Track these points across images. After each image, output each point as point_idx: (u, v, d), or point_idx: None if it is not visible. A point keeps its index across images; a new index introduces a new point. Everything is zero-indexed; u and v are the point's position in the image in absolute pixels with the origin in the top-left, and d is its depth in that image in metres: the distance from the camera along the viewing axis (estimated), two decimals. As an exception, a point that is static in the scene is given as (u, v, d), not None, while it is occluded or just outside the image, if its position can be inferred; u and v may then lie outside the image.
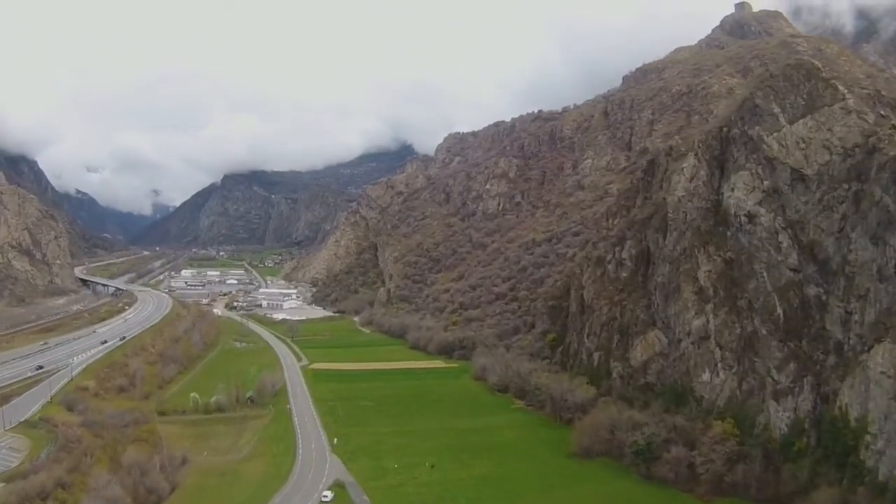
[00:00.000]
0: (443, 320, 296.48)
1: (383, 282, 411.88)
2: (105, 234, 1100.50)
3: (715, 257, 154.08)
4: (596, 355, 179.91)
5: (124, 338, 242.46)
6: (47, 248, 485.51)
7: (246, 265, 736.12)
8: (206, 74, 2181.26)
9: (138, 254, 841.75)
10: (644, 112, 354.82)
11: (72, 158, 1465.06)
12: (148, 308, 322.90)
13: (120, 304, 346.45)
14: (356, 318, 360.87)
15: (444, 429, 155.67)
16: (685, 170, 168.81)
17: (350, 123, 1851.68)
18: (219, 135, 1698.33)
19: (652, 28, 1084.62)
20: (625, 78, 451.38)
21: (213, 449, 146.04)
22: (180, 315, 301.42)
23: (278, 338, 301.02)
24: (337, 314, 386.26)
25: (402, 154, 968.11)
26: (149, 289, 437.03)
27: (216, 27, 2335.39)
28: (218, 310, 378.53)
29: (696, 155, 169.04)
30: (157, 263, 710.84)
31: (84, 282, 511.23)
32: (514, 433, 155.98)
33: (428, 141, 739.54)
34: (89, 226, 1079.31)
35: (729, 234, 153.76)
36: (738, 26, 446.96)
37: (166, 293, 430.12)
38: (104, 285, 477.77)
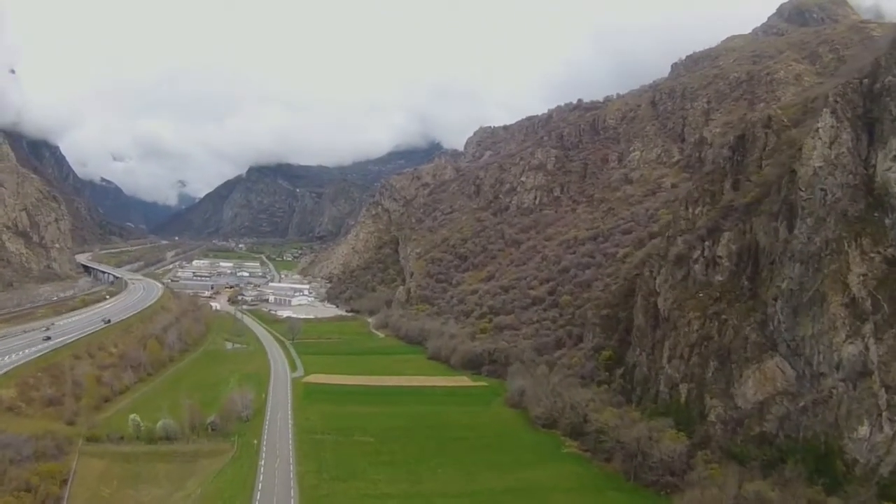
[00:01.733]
0: (469, 326, 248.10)
1: (403, 280, 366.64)
2: (128, 223, 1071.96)
3: (872, 255, 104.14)
4: (683, 388, 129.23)
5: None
6: (46, 231, 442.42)
7: (263, 258, 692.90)
8: (234, 65, 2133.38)
9: (156, 243, 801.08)
10: (698, 101, 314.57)
11: (97, 146, 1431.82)
12: (131, 299, 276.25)
13: (102, 293, 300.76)
14: (370, 320, 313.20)
15: (471, 491, 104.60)
16: (821, 131, 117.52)
17: (379, 119, 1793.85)
18: (245, 126, 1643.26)
19: (688, 20, 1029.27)
20: (674, 66, 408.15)
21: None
22: (165, 308, 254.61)
23: (277, 339, 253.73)
24: (349, 314, 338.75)
25: (430, 152, 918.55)
26: (145, 278, 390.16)
27: (245, 18, 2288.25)
28: (217, 304, 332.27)
29: (833, 113, 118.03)
30: (171, 253, 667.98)
31: (86, 268, 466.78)
32: (573, 500, 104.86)
33: (458, 140, 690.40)
34: (113, 214, 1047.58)
35: (888, 221, 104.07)
36: (797, 13, 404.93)
37: (166, 283, 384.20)
38: (104, 273, 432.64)
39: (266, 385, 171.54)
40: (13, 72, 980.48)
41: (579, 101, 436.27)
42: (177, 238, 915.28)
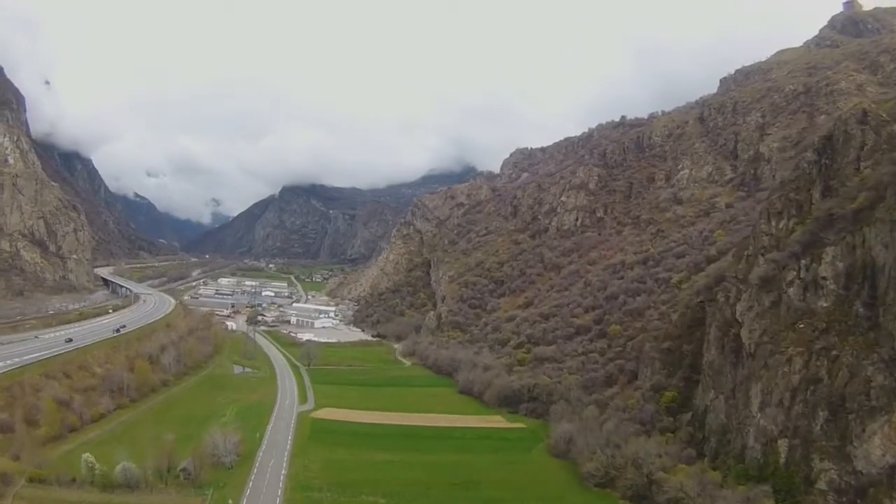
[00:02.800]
0: (505, 357, 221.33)
1: (434, 304, 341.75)
2: (161, 240, 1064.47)
3: None
4: (782, 445, 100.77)
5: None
6: (63, 241, 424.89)
7: (292, 278, 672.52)
8: (269, 84, 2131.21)
9: (185, 260, 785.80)
10: (751, 115, 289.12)
11: (131, 161, 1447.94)
12: (136, 314, 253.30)
13: (107, 307, 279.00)
14: (397, 346, 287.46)
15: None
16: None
17: (414, 141, 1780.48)
18: (280, 146, 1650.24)
19: (730, 37, 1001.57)
20: (722, 81, 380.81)
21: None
22: (171, 325, 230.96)
23: (292, 364, 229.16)
24: (375, 339, 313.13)
25: (464, 176, 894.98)
26: (160, 293, 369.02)
27: (283, 38, 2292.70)
28: (234, 323, 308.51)
29: None
30: (197, 271, 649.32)
31: (106, 281, 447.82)
32: None
33: (493, 164, 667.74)
34: (146, 230, 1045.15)
35: None
36: (851, 24, 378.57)
37: (184, 300, 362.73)
38: (121, 286, 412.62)
39: (266, 420, 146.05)
40: (48, 83, 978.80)
41: (622, 117, 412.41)
42: (207, 256, 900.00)
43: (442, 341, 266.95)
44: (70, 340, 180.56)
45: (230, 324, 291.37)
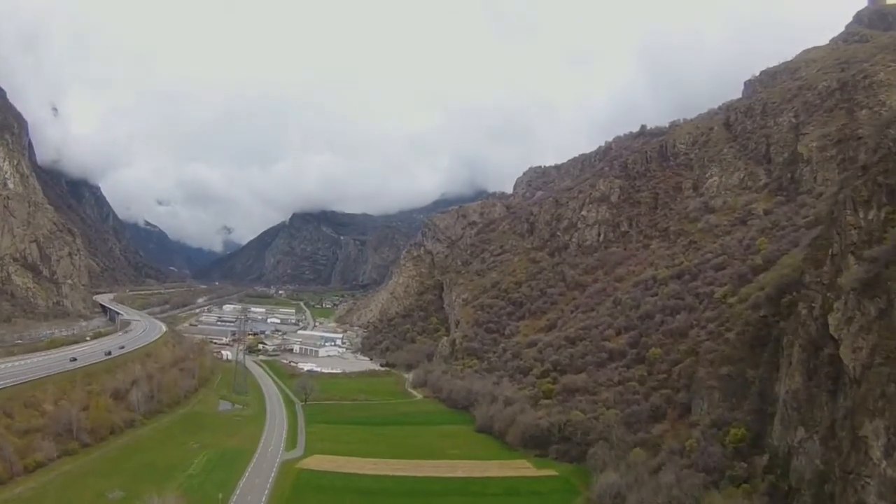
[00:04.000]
0: (527, 387, 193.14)
1: (447, 329, 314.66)
2: (171, 268, 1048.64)
3: None
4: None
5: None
6: (57, 266, 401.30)
7: (301, 305, 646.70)
8: (280, 110, 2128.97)
9: (193, 287, 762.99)
10: (782, 116, 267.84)
11: (142, 189, 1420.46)
12: (115, 342, 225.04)
13: (84, 335, 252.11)
14: (408, 376, 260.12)
15: None
16: None
17: (426, 164, 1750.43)
18: (290, 172, 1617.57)
19: (742, 47, 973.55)
20: (747, 83, 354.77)
21: None
22: (151, 355, 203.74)
23: (287, 399, 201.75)
24: (384, 368, 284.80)
25: (476, 199, 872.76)
26: (152, 319, 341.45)
27: (291, 63, 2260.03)
28: (229, 353, 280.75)
29: None
30: (203, 298, 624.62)
31: (104, 308, 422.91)
32: None
33: (505, 186, 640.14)
34: (157, 258, 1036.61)
35: None
36: (879, 17, 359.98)
37: (181, 328, 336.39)
38: (118, 314, 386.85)
39: (240, 472, 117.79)
40: (55, 110, 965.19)
41: (642, 127, 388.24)
42: (217, 283, 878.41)
43: (456, 370, 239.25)
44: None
45: (226, 353, 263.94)
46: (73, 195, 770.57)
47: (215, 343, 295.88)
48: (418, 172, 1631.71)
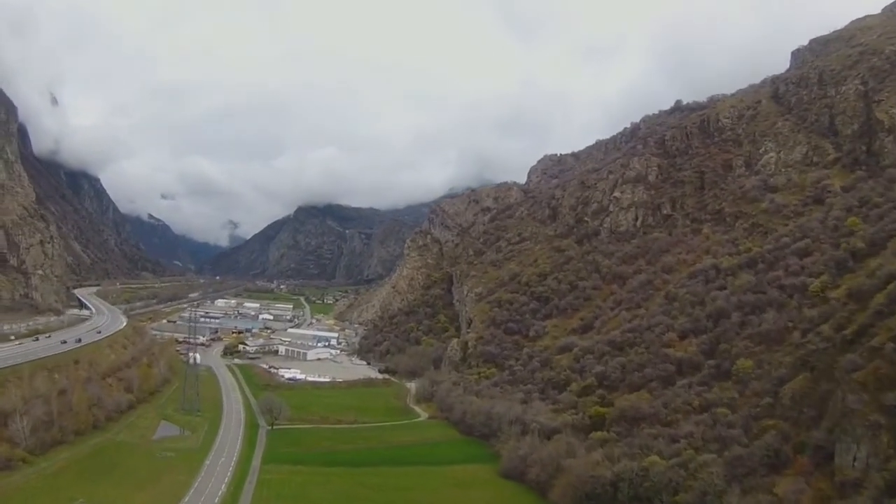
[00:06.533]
0: (567, 408, 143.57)
1: (457, 330, 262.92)
2: (176, 262, 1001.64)
3: None
4: None
5: None
6: (27, 255, 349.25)
7: (302, 300, 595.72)
8: (284, 102, 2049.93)
9: (192, 280, 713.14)
10: (846, 84, 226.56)
11: (145, 183, 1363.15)
12: (40, 345, 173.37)
13: (9, 335, 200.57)
14: (410, 386, 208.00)
15: None
16: None
17: (432, 158, 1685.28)
18: (295, 165, 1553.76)
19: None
20: (795, 53, 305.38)
21: None
22: (80, 362, 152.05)
23: (251, 421, 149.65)
24: (382, 376, 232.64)
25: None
26: (120, 316, 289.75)
27: (294, 56, 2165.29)
28: (198, 355, 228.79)
29: None
30: (195, 293, 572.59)
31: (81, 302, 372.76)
32: None
33: (516, 179, 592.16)
34: (161, 252, 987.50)
35: None
36: None
37: (162, 323, 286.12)
38: (87, 307, 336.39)
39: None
40: (55, 101, 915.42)
41: (677, 102, 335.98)
42: (217, 277, 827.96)
43: (470, 381, 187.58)
44: None
45: (193, 355, 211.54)
46: (71, 187, 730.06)
47: (190, 343, 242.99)
48: (426, 167, 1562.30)
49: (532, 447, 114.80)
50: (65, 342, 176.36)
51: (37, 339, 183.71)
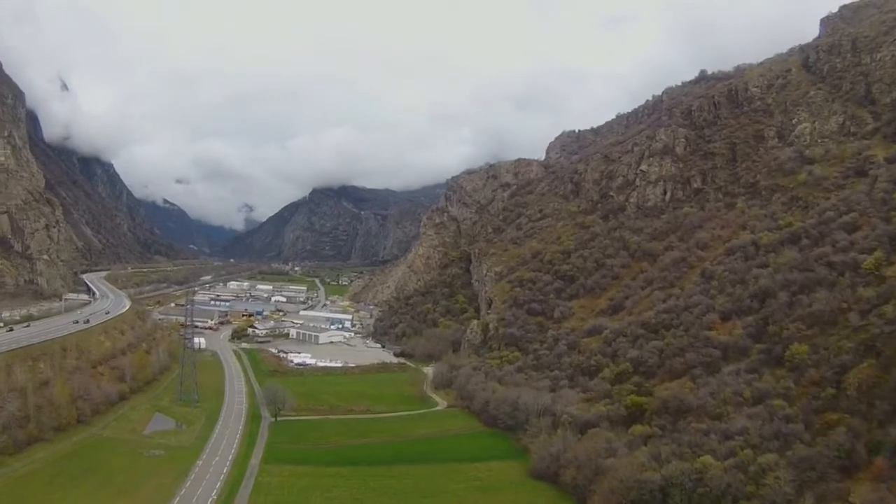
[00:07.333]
0: (600, 397, 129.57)
1: (477, 311, 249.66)
2: (191, 246, 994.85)
3: None
4: None
5: None
6: (32, 239, 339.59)
7: (316, 282, 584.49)
8: (297, 84, 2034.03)
9: (206, 263, 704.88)
10: (882, 51, 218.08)
11: (159, 167, 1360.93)
12: (31, 331, 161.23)
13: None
14: (428, 370, 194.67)
15: None
16: None
17: (448, 138, 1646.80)
18: (309, 146, 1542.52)
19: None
20: (823, 21, 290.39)
21: None
22: (67, 349, 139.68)
23: (253, 412, 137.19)
24: (397, 360, 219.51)
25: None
26: (124, 298, 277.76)
27: (309, 38, 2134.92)
28: (203, 340, 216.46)
29: None
30: (208, 276, 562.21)
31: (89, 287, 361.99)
32: None
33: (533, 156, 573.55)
34: (176, 236, 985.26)
35: None
36: None
37: (170, 307, 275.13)
38: (93, 291, 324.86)
39: None
40: (66, 87, 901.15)
41: (702, 72, 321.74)
42: (232, 260, 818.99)
43: (491, 366, 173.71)
44: None
45: (198, 340, 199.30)
46: (84, 172, 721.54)
47: (198, 327, 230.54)
48: (441, 147, 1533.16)
49: (565, 443, 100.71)
50: (76, 322, 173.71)
51: (28, 326, 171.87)
